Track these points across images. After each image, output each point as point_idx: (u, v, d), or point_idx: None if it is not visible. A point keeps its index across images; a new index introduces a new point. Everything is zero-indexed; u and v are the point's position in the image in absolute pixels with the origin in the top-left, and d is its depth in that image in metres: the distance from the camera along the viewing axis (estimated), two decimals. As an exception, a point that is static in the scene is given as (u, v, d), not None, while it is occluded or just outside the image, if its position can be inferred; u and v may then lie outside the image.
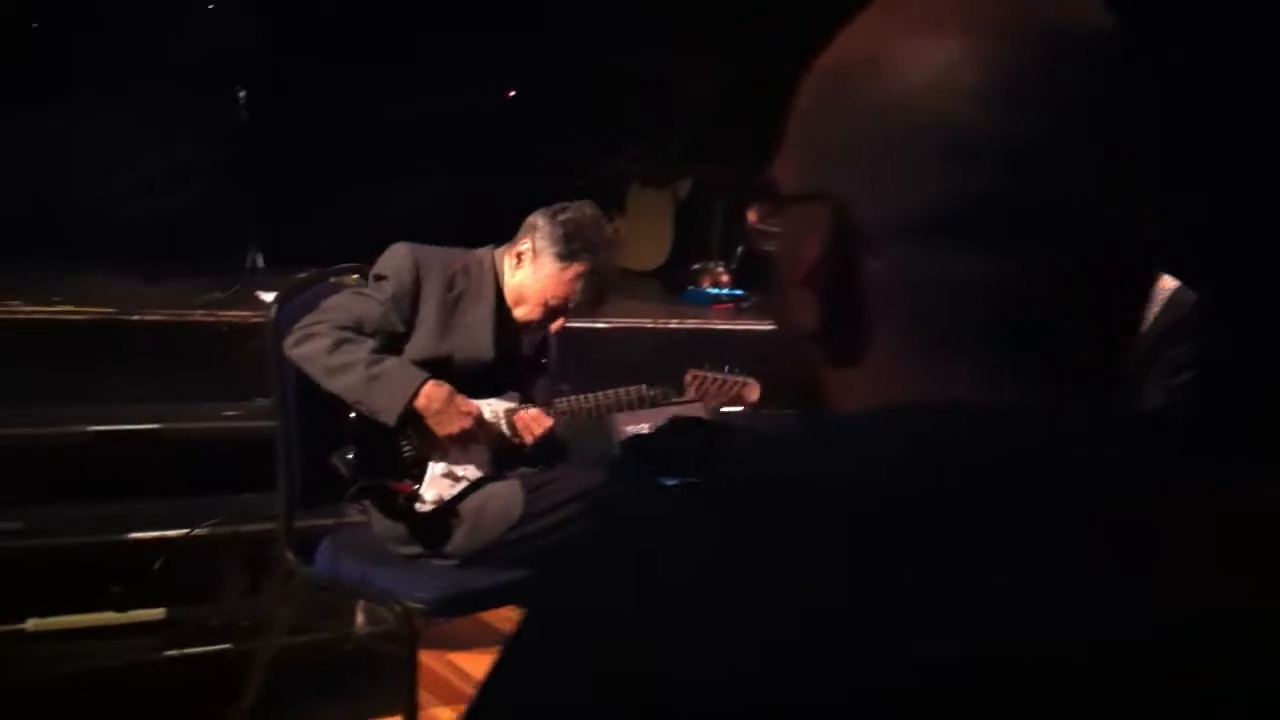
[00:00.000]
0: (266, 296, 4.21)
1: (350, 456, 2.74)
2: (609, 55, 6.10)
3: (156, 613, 3.14)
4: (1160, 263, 0.66)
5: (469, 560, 2.79)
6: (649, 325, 4.96)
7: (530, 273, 2.84)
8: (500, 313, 2.88)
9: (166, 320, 3.92)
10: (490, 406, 2.84)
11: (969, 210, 0.62)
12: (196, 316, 3.99)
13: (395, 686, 3.23)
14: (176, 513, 3.34)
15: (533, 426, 2.81)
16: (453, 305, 2.84)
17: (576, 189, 5.50)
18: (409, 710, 2.71)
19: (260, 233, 4.95)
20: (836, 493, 0.59)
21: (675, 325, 5.13)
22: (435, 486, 2.80)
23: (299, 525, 2.86)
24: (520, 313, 2.87)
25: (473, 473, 2.83)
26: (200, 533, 3.26)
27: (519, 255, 2.85)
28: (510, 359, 2.91)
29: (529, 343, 2.99)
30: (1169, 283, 2.86)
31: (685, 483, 0.79)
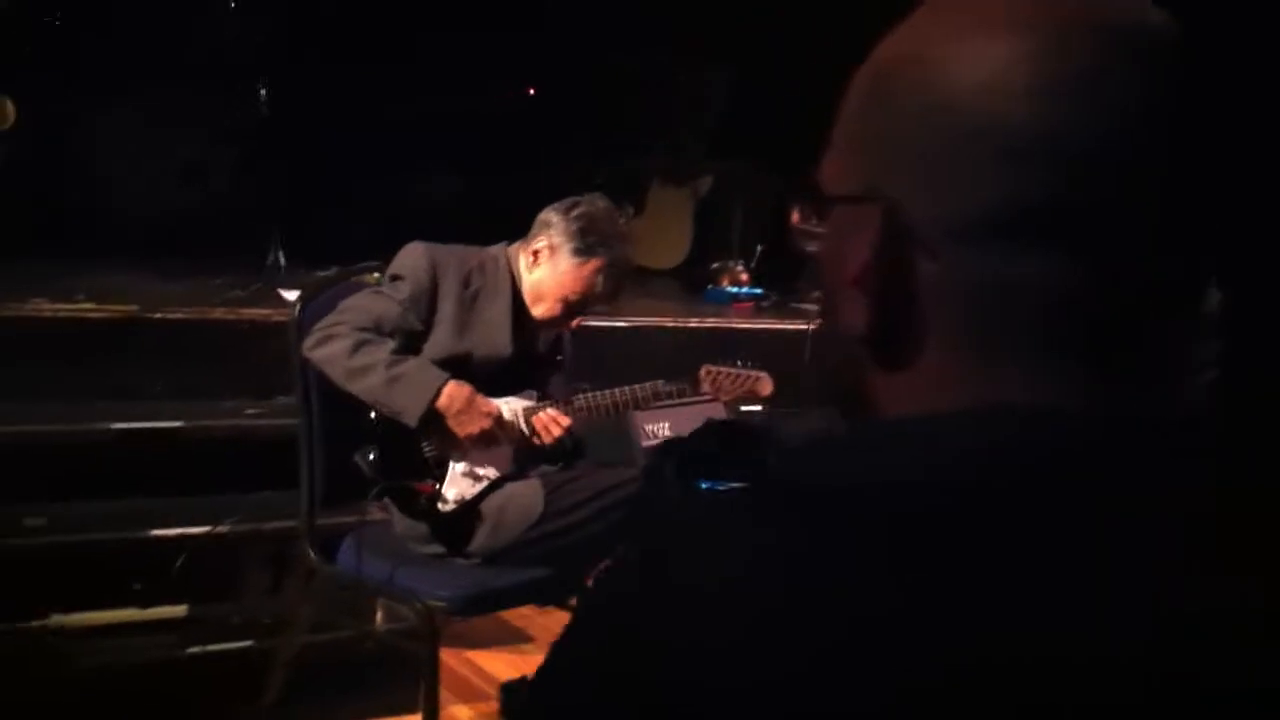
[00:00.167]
0: (288, 294, 4.22)
1: (372, 457, 2.74)
2: (625, 52, 6.09)
3: (178, 610, 3.15)
4: (1211, 266, 0.65)
5: (490, 559, 2.80)
6: (669, 324, 4.95)
7: (548, 270, 2.83)
8: (517, 309, 2.87)
9: (188, 318, 3.93)
10: (509, 405, 2.83)
11: (1023, 213, 0.62)
12: (218, 314, 3.99)
13: (414, 684, 3.24)
14: (198, 510, 3.35)
15: (551, 427, 2.81)
16: (470, 303, 2.83)
17: (596, 186, 5.51)
18: (429, 708, 2.71)
19: (281, 230, 4.97)
20: (888, 498, 0.59)
21: (695, 324, 5.11)
22: (456, 486, 2.80)
23: (320, 523, 2.87)
24: (540, 310, 2.87)
25: (493, 472, 2.83)
26: (222, 530, 3.27)
27: (535, 253, 2.84)
28: (527, 356, 2.91)
29: (544, 340, 2.99)
30: None
31: (728, 488, 0.78)
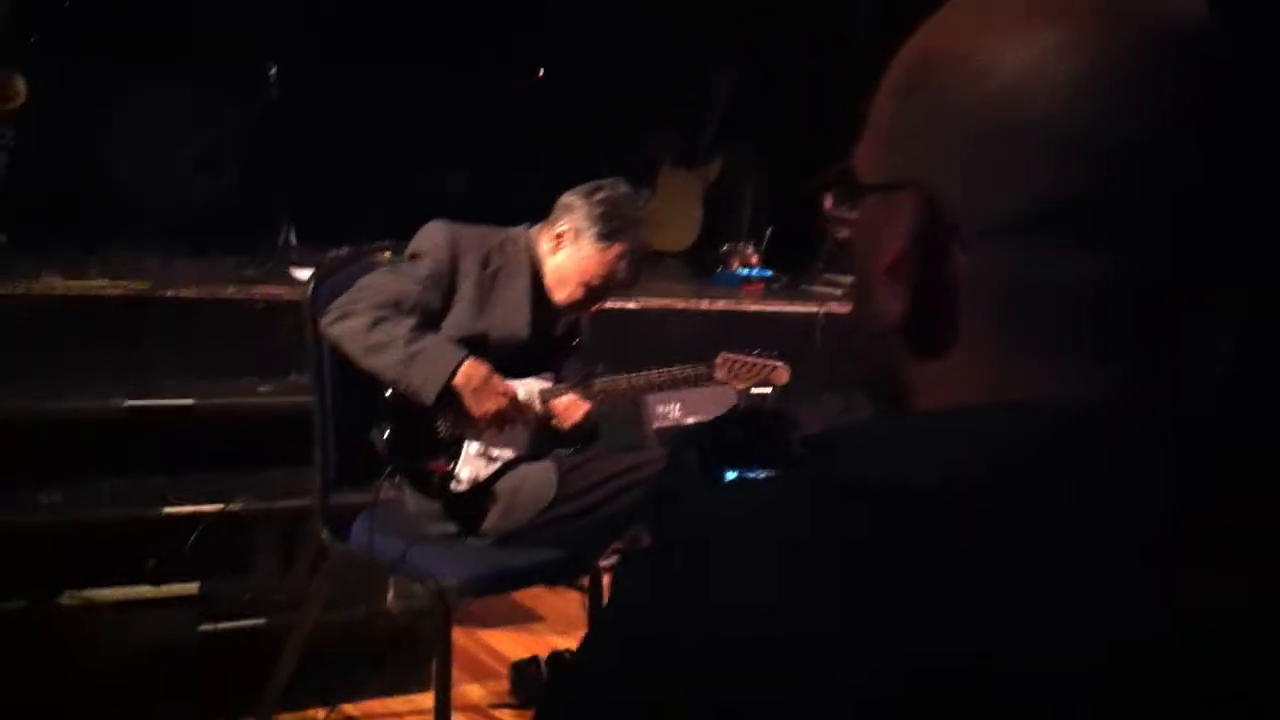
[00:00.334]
0: (299, 273, 4.22)
1: (387, 435, 2.74)
2: (636, 37, 6.08)
3: (191, 587, 3.16)
4: (1245, 262, 0.64)
5: (502, 540, 2.80)
6: (679, 306, 4.95)
7: (570, 254, 2.83)
8: (537, 292, 2.87)
9: (200, 297, 3.93)
10: (525, 387, 2.84)
11: (1064, 207, 0.61)
12: (230, 293, 4.00)
13: (425, 663, 3.26)
14: (210, 488, 3.35)
15: (571, 412, 2.81)
16: (489, 282, 2.83)
17: (606, 169, 5.50)
18: (442, 687, 2.72)
19: (292, 210, 4.96)
20: (923, 491, 0.58)
21: (705, 306, 5.12)
22: (470, 466, 2.81)
23: (333, 502, 2.88)
24: (562, 295, 2.86)
25: (508, 453, 2.84)
26: (234, 508, 3.28)
27: (558, 237, 2.84)
28: (545, 339, 2.91)
29: (562, 323, 2.99)
30: None
31: (760, 477, 0.78)
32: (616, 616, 0.63)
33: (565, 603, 3.68)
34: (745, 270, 6.05)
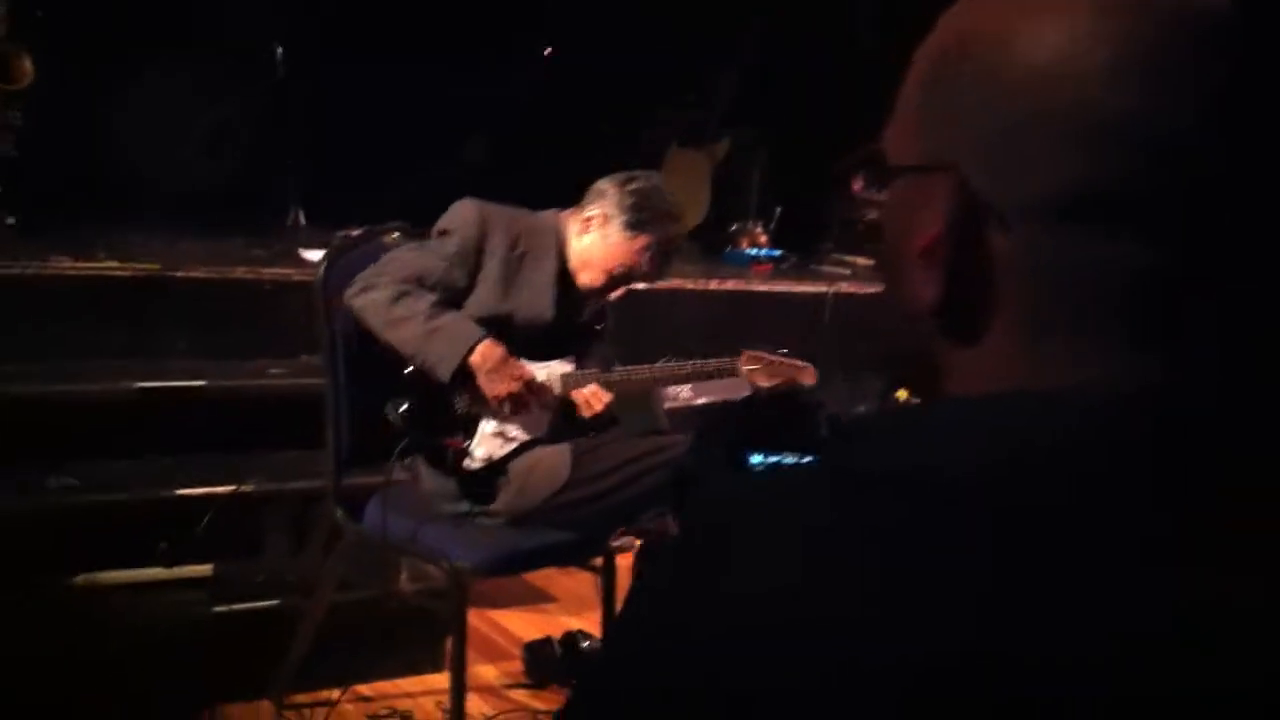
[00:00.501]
0: (309, 254, 4.22)
1: (404, 408, 2.75)
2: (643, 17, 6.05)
3: (204, 569, 3.16)
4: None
5: (515, 521, 2.81)
6: (689, 287, 4.94)
7: (597, 239, 2.83)
8: (562, 276, 2.88)
9: (210, 277, 3.93)
10: (546, 370, 2.84)
11: (1101, 193, 0.60)
12: (240, 274, 3.99)
13: (437, 644, 3.26)
14: (222, 470, 3.36)
15: (592, 402, 2.82)
16: (516, 264, 2.84)
17: (614, 149, 5.48)
18: (458, 667, 2.73)
19: (300, 191, 4.96)
20: (946, 482, 0.58)
21: (715, 286, 5.11)
22: (485, 445, 2.81)
23: (346, 483, 2.88)
24: (584, 279, 2.87)
25: (524, 435, 2.84)
26: (246, 489, 3.28)
27: (587, 221, 2.84)
28: (569, 323, 2.91)
29: (589, 308, 2.99)
30: None
31: (785, 464, 0.77)
32: (642, 600, 0.63)
33: (577, 583, 3.69)
34: (754, 250, 6.04)
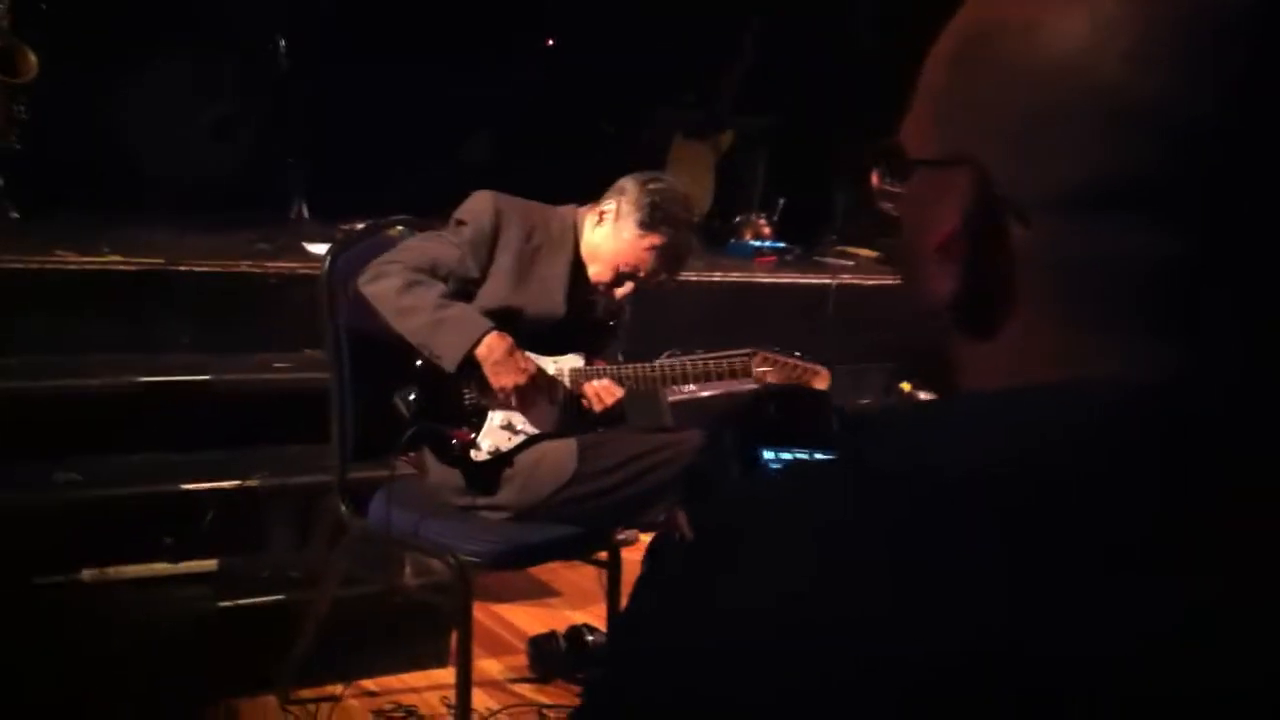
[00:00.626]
0: (313, 248, 4.21)
1: (412, 397, 2.75)
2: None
3: (209, 564, 3.16)
4: None
5: (520, 515, 2.80)
6: (692, 278, 4.93)
7: (609, 233, 2.83)
8: (576, 271, 2.88)
9: (214, 271, 3.93)
10: (556, 364, 2.84)
11: (1122, 182, 0.59)
12: (244, 267, 3.99)
13: (442, 638, 3.26)
14: (227, 464, 3.35)
15: (604, 396, 2.81)
16: (530, 257, 2.84)
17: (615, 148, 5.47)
18: (463, 662, 2.73)
19: (304, 185, 4.95)
20: (962, 478, 0.57)
21: (718, 278, 5.11)
22: (492, 437, 2.81)
23: (351, 478, 2.88)
24: (591, 271, 2.87)
25: (531, 429, 2.83)
26: (251, 484, 3.27)
27: (602, 214, 2.85)
28: (581, 318, 2.91)
29: (603, 304, 2.98)
30: None
31: (797, 460, 0.77)
32: (654, 597, 0.63)
33: (581, 577, 3.68)
34: (758, 242, 6.04)
